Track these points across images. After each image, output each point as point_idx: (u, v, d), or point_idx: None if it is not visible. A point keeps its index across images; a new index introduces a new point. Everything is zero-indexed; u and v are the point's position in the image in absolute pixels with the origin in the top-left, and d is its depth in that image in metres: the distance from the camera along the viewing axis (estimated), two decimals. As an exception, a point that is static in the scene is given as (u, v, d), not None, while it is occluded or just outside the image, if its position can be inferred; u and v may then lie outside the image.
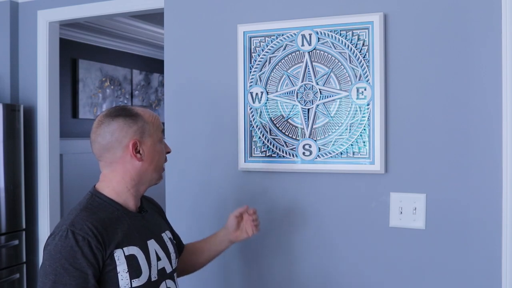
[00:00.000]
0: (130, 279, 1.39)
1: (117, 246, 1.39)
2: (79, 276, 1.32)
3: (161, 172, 1.55)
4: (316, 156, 1.95)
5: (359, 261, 1.93)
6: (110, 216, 1.44)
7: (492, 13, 1.73)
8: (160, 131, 1.53)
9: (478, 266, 1.77)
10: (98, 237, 1.36)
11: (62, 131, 3.47)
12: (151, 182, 1.54)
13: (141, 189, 1.53)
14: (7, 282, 2.86)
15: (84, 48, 4.80)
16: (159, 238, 1.55)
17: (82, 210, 1.42)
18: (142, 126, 1.47)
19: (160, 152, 1.53)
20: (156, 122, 1.52)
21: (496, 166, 1.74)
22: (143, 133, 1.47)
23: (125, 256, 1.40)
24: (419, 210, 1.84)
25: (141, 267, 1.42)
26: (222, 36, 2.12)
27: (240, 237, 1.76)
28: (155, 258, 1.49)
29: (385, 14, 1.86)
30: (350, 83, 1.90)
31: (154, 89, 5.76)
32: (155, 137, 1.50)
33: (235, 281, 2.13)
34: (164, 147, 1.55)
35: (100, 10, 2.69)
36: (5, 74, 2.98)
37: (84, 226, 1.36)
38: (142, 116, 1.48)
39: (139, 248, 1.44)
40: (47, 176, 2.94)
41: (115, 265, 1.38)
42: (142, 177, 1.49)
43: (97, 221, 1.39)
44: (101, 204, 1.46)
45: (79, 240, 1.33)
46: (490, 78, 1.74)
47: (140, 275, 1.42)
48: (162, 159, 1.54)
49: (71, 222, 1.37)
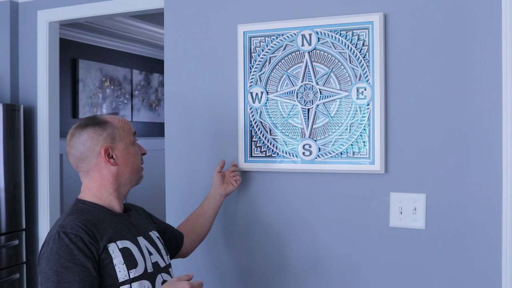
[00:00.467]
0: (127, 270, 1.43)
1: (109, 240, 1.44)
2: (81, 270, 1.36)
3: (139, 172, 1.61)
4: (316, 156, 1.95)
5: (359, 261, 1.92)
6: (97, 217, 1.49)
7: (492, 13, 1.73)
8: (132, 134, 1.59)
9: (478, 266, 1.77)
10: (89, 233, 1.41)
11: (62, 131, 3.46)
12: (132, 182, 1.60)
13: (123, 191, 1.59)
14: (7, 282, 2.86)
15: (84, 48, 4.80)
16: (147, 236, 1.61)
17: (69, 215, 1.48)
18: (112, 132, 1.54)
19: (134, 154, 1.58)
20: (125, 126, 1.58)
21: (496, 166, 1.74)
22: (114, 138, 1.54)
23: (119, 249, 1.45)
24: (419, 210, 1.84)
25: (136, 259, 1.47)
26: (222, 36, 2.12)
27: (228, 189, 1.97)
28: (147, 253, 1.54)
29: (385, 14, 1.86)
30: (350, 83, 1.90)
31: (154, 89, 5.76)
32: (126, 140, 1.56)
33: (236, 280, 2.13)
34: (138, 149, 1.61)
35: (100, 10, 2.68)
36: (5, 74, 2.98)
37: (74, 225, 1.41)
38: (110, 123, 1.55)
39: (131, 242, 1.50)
40: (47, 176, 2.94)
41: (111, 258, 1.42)
42: (120, 180, 1.56)
43: (85, 220, 1.45)
44: (86, 208, 1.52)
45: (72, 238, 1.39)
46: (490, 78, 1.74)
47: (137, 265, 1.46)
48: (137, 160, 1.60)
49: (60, 225, 1.43)
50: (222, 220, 2.13)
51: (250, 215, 2.08)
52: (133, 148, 1.58)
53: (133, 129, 1.61)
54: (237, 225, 2.11)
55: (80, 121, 1.56)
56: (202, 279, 2.10)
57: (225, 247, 2.13)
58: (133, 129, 1.61)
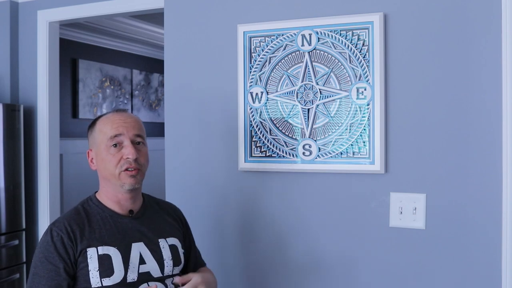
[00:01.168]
0: (100, 278, 1.44)
1: (90, 245, 1.46)
2: (51, 269, 1.42)
3: (115, 177, 1.51)
4: (316, 156, 1.95)
5: (359, 261, 1.92)
6: (93, 217, 1.52)
7: (492, 13, 1.73)
8: (108, 138, 1.51)
9: (478, 266, 1.77)
10: (70, 234, 1.45)
11: (62, 131, 3.46)
12: (116, 188, 1.53)
13: (118, 194, 1.55)
14: (7, 282, 2.86)
15: (84, 48, 4.80)
16: (152, 242, 1.56)
17: (71, 210, 1.54)
18: (93, 135, 1.56)
19: (104, 160, 1.52)
20: (105, 130, 1.53)
21: (496, 166, 1.74)
22: (94, 142, 1.56)
23: (98, 255, 1.46)
24: (419, 210, 1.84)
25: (113, 267, 1.46)
26: (222, 36, 2.12)
27: None
28: (137, 261, 1.50)
29: (385, 14, 1.86)
30: (350, 83, 1.90)
31: (154, 89, 5.76)
32: (102, 145, 1.53)
33: (236, 280, 2.13)
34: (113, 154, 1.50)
35: (100, 10, 2.68)
36: (5, 74, 2.97)
37: (61, 224, 1.47)
38: (96, 126, 1.56)
39: (116, 248, 1.49)
40: (47, 176, 2.94)
41: (87, 263, 1.45)
42: (106, 183, 1.56)
43: (75, 220, 1.49)
44: (90, 206, 1.56)
45: (54, 236, 1.45)
46: (490, 78, 1.74)
47: (112, 274, 1.46)
48: (109, 166, 1.51)
49: (56, 220, 1.50)
50: (222, 220, 2.13)
51: (250, 215, 2.08)
52: (105, 153, 1.51)
53: (116, 131, 1.51)
54: (237, 225, 2.11)
55: None
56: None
57: (225, 247, 2.13)
58: (114, 132, 1.51)
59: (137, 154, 1.52)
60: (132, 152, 1.50)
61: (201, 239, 2.16)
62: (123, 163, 1.51)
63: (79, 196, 4.31)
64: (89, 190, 1.71)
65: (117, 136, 1.52)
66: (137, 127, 1.56)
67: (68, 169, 4.38)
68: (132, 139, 1.53)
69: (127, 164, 1.51)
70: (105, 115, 1.58)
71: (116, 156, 1.51)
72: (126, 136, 1.52)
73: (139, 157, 1.53)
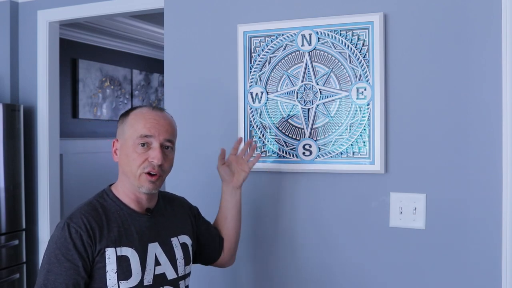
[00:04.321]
0: (117, 280, 1.39)
1: (109, 245, 1.40)
2: (69, 267, 1.36)
3: (135, 176, 1.46)
4: (316, 156, 1.95)
5: (359, 261, 1.92)
6: (111, 215, 1.45)
7: (492, 13, 1.73)
8: (137, 136, 1.45)
9: (478, 266, 1.77)
10: (90, 232, 1.39)
11: (62, 131, 3.46)
12: (134, 187, 1.48)
13: (136, 192, 1.49)
14: (7, 282, 2.86)
15: (84, 48, 4.80)
16: (165, 242, 1.53)
17: (86, 205, 1.46)
18: (123, 127, 1.50)
19: (128, 157, 1.45)
20: (137, 126, 1.46)
21: (496, 166, 1.74)
22: (122, 134, 1.50)
23: (116, 256, 1.40)
24: (419, 210, 1.84)
25: (131, 270, 1.41)
26: (222, 36, 2.12)
27: (241, 178, 1.76)
28: (153, 263, 1.47)
29: (385, 14, 1.86)
30: (350, 83, 1.90)
31: (154, 89, 5.76)
32: (129, 141, 1.46)
33: (236, 279, 2.12)
34: (139, 153, 1.45)
35: (100, 10, 2.68)
36: (5, 74, 2.98)
37: (79, 220, 1.40)
38: (128, 117, 1.50)
39: (134, 250, 1.44)
40: (47, 176, 2.94)
41: (105, 264, 1.39)
42: (125, 178, 1.49)
43: (93, 217, 1.42)
44: (106, 201, 1.48)
45: (72, 233, 1.37)
46: (490, 78, 1.74)
47: (129, 277, 1.41)
48: (132, 164, 1.45)
49: (71, 214, 1.42)
50: (222, 220, 2.13)
51: (250, 215, 2.08)
52: (130, 150, 1.45)
53: (147, 131, 1.45)
54: (237, 225, 2.11)
55: None
56: (203, 280, 2.10)
57: (225, 247, 2.13)
58: (145, 131, 1.45)
59: (163, 160, 1.46)
60: (159, 157, 1.45)
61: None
62: (146, 165, 1.45)
63: (79, 196, 4.32)
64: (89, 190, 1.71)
65: (147, 137, 1.46)
66: (170, 131, 1.51)
67: (68, 169, 4.38)
68: (161, 142, 1.47)
69: (150, 167, 1.45)
70: (140, 108, 1.51)
71: (142, 156, 1.45)
72: (156, 138, 1.46)
73: (164, 162, 1.47)
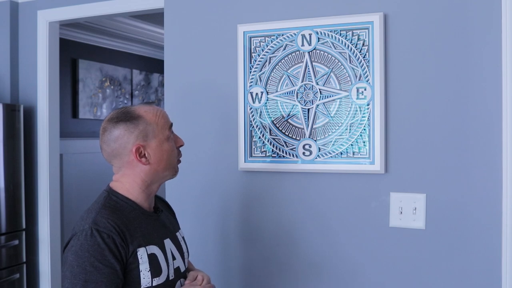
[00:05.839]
0: (151, 278, 1.41)
1: (139, 245, 1.40)
2: (110, 272, 1.33)
3: (174, 168, 1.53)
4: (316, 156, 1.95)
5: (359, 260, 1.92)
6: (128, 216, 1.44)
7: (492, 13, 1.73)
8: (167, 129, 1.49)
9: (478, 266, 1.77)
10: (121, 234, 1.37)
11: (62, 131, 3.47)
12: (165, 179, 1.54)
13: (154, 188, 1.52)
14: (7, 282, 2.86)
15: (84, 48, 4.80)
16: (174, 237, 1.56)
17: (102, 209, 1.41)
18: (145, 128, 1.44)
19: (169, 151, 1.49)
20: (160, 121, 1.47)
21: (496, 166, 1.74)
22: (147, 136, 1.45)
23: (147, 255, 1.41)
24: (419, 210, 1.84)
25: (161, 266, 1.44)
26: (222, 36, 2.12)
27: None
28: (171, 257, 1.50)
29: (385, 14, 1.86)
30: (350, 83, 1.90)
31: (154, 89, 5.76)
32: (161, 136, 1.47)
33: (236, 279, 2.13)
34: (173, 142, 1.52)
35: (100, 10, 2.68)
36: (5, 74, 2.98)
37: (107, 224, 1.36)
38: (144, 118, 1.45)
39: (158, 247, 1.46)
40: (47, 176, 2.94)
41: (138, 264, 1.39)
42: (153, 177, 1.49)
43: (118, 220, 1.40)
44: (118, 203, 1.46)
45: (104, 238, 1.34)
46: (490, 78, 1.74)
47: (160, 274, 1.43)
48: (173, 156, 1.51)
49: (93, 221, 1.37)
50: (222, 220, 2.13)
51: (250, 215, 2.08)
52: (168, 144, 1.49)
53: (170, 121, 1.51)
54: (237, 225, 2.11)
55: (113, 114, 1.47)
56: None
57: (225, 247, 2.13)
58: (169, 121, 1.51)
59: None
60: (182, 140, 1.57)
61: (201, 238, 2.16)
62: (177, 152, 1.55)
63: (79, 196, 4.33)
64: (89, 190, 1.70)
65: (171, 126, 1.53)
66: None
67: (68, 169, 4.38)
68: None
69: (180, 152, 1.56)
70: (143, 107, 1.49)
71: (174, 146, 1.53)
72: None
73: None
